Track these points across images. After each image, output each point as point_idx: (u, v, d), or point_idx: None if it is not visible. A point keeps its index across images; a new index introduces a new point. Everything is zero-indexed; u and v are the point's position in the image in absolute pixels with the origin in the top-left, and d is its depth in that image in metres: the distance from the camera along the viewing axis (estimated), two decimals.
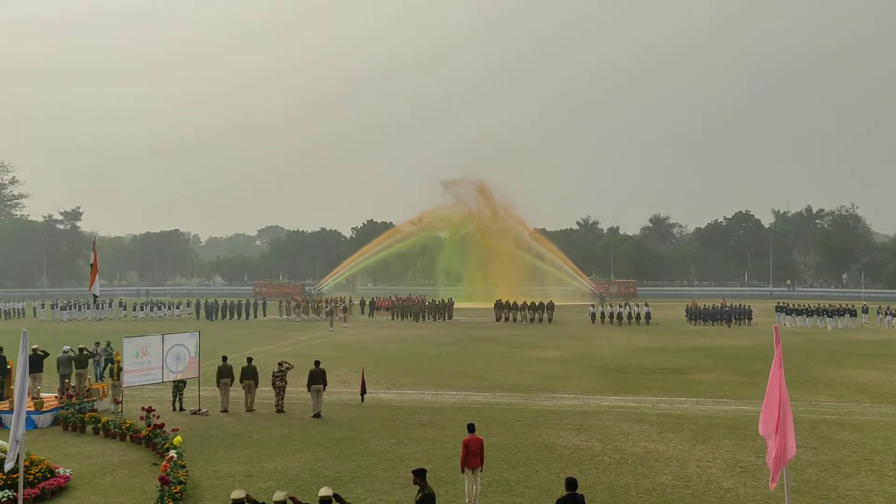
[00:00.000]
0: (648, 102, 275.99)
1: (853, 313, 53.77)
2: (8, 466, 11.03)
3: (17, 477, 11.13)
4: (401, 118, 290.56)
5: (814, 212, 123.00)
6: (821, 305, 56.68)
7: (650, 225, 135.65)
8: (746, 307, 56.45)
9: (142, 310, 63.78)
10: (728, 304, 58.49)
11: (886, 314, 53.56)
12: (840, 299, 71.65)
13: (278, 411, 21.88)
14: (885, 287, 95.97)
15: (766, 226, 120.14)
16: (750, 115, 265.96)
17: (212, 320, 59.14)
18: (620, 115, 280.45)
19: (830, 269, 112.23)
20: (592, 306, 58.86)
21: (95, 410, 21.34)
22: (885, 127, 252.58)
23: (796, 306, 58.07)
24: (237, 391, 22.84)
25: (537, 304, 57.33)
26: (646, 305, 56.77)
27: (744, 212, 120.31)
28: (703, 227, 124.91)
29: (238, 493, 9.77)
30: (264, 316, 63.00)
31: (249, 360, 23.30)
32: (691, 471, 15.66)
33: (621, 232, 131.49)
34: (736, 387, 26.11)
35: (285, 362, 22.85)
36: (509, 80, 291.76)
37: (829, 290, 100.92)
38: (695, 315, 56.07)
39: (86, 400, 21.85)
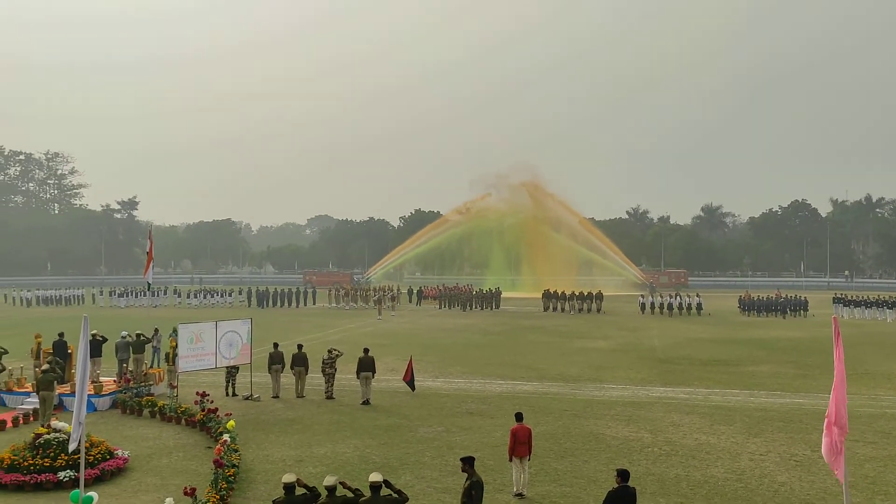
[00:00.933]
0: (700, 88, 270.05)
1: None
2: (72, 447, 11.40)
3: (79, 458, 11.50)
4: (448, 109, 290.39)
5: (874, 200, 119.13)
6: (880, 297, 54.96)
7: (702, 214, 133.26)
8: (802, 298, 55.08)
9: (195, 297, 65.19)
10: (783, 295, 57.15)
11: None
12: None
13: (328, 398, 22.17)
14: None
15: (824, 215, 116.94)
16: (807, 101, 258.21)
17: (263, 308, 60.14)
18: (671, 101, 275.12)
19: (891, 259, 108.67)
20: (642, 296, 58.10)
21: (152, 395, 21.95)
22: None
23: (854, 297, 56.37)
24: (288, 377, 23.21)
25: (586, 293, 56.86)
26: (697, 296, 55.81)
27: (800, 200, 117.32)
28: (757, 216, 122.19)
29: (289, 477, 9.93)
30: (314, 304, 63.83)
31: (300, 346, 23.64)
32: (744, 464, 15.39)
33: (672, 221, 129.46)
34: (791, 379, 25.53)
35: (335, 350, 23.13)
36: (555, 68, 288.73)
37: (890, 280, 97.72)
38: (748, 306, 54.92)
39: (143, 384, 22.48)
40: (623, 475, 10.39)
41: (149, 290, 31.94)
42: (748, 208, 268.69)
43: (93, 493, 10.88)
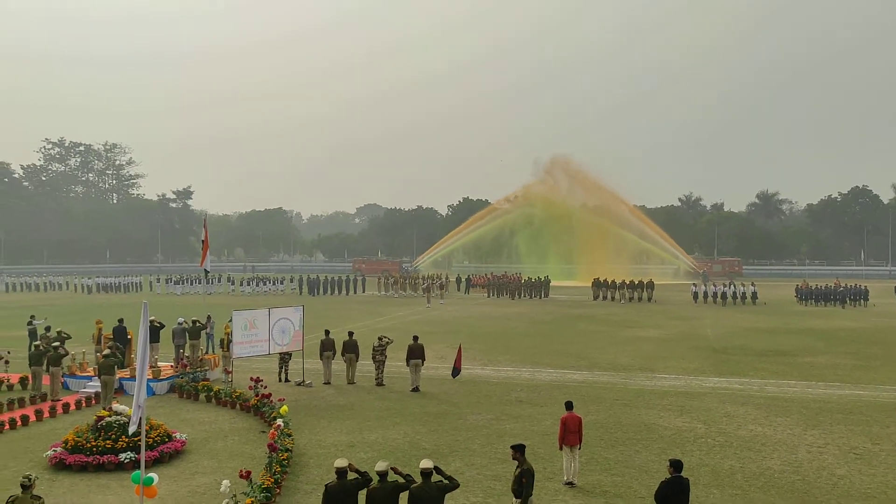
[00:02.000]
0: (751, 73, 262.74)
1: None
2: (132, 429, 11.74)
3: (140, 440, 11.83)
4: (495, 97, 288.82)
5: None
6: None
7: (757, 201, 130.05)
8: (862, 287, 53.44)
9: (248, 284, 66.38)
10: (842, 284, 55.50)
11: None
12: None
13: (378, 384, 22.38)
14: None
15: (886, 202, 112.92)
16: (864, 85, 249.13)
17: (314, 295, 60.93)
18: (723, 85, 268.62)
19: None
20: (695, 285, 57.12)
21: (207, 380, 22.47)
22: None
23: None
24: (339, 364, 23.49)
25: (636, 282, 56.14)
26: (752, 285, 54.60)
27: (860, 187, 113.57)
28: (815, 203, 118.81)
29: (341, 462, 10.04)
30: (363, 291, 64.40)
31: (350, 334, 23.89)
32: (801, 456, 15.04)
33: (726, 209, 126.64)
34: (850, 370, 24.83)
35: (385, 337, 23.31)
36: (602, 52, 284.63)
37: None
38: (806, 295, 53.53)
39: (199, 369, 23.03)
40: (676, 465, 10.25)
41: (206, 277, 32.59)
42: (806, 195, 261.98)
43: (153, 475, 11.18)
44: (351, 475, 10.01)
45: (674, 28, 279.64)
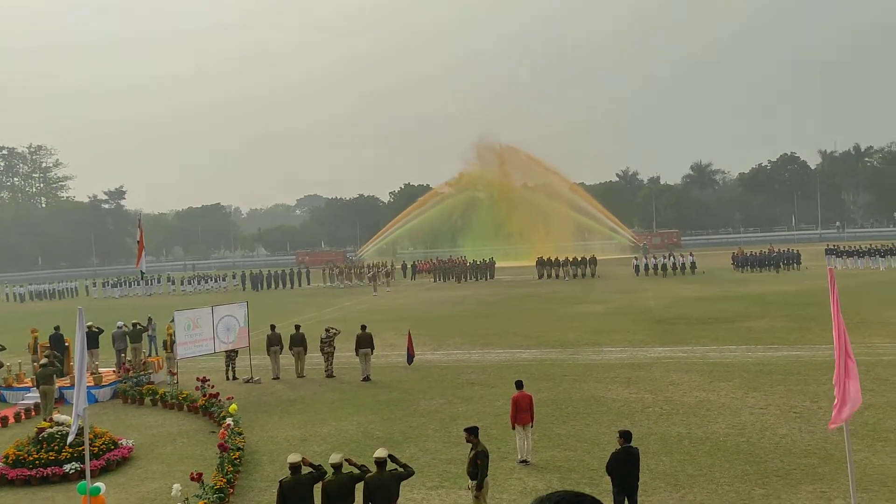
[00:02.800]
0: (679, 46, 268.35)
1: None
2: (70, 439, 11.44)
3: (84, 450, 11.51)
4: (429, 81, 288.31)
5: (862, 150, 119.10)
6: (872, 246, 55.24)
7: (691, 173, 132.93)
8: (795, 251, 55.30)
9: (189, 283, 65.07)
10: (776, 250, 57.32)
11: None
12: (893, 238, 69.67)
13: (328, 376, 22.23)
14: None
15: (813, 167, 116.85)
16: (788, 55, 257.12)
17: (257, 290, 60.11)
18: (653, 61, 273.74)
19: (882, 207, 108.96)
20: (636, 258, 58.25)
21: (152, 383, 21.97)
22: None
23: (847, 248, 56.66)
24: (287, 358, 23.24)
25: (579, 259, 56.95)
26: (690, 255, 55.96)
27: (789, 154, 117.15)
28: (746, 171, 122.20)
29: (294, 457, 9.96)
30: (308, 284, 63.78)
31: (297, 327, 23.64)
32: (745, 418, 15.53)
33: (662, 182, 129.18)
34: (787, 333, 25.72)
35: (332, 328, 23.15)
36: (538, 33, 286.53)
37: (882, 229, 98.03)
38: (742, 262, 55.12)
39: (142, 373, 22.49)
40: (626, 436, 10.46)
41: (142, 278, 31.85)
42: (738, 164, 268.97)
43: (100, 484, 10.90)
44: (305, 469, 9.93)
45: (604, 9, 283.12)
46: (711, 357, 22.18)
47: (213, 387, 18.99)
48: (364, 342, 21.85)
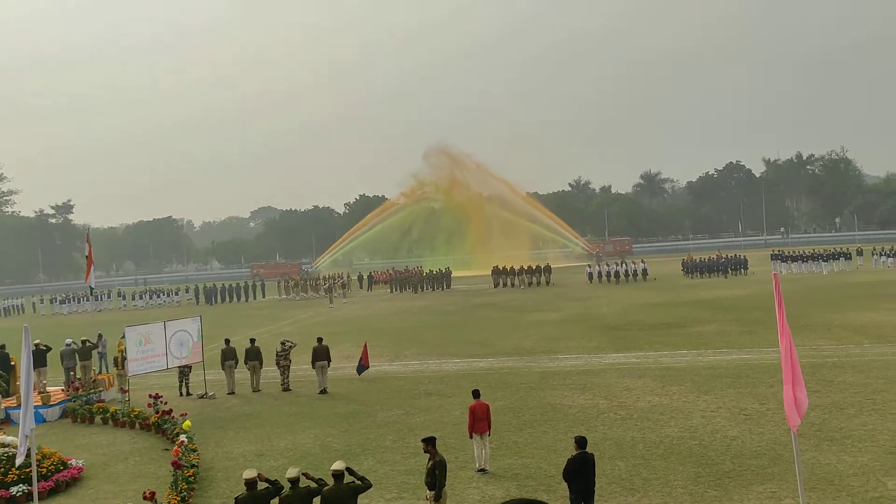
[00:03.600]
0: (630, 64, 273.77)
1: (848, 256, 54.03)
2: (19, 461, 11.12)
3: (31, 471, 11.21)
4: (383, 94, 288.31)
5: (804, 158, 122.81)
6: (816, 251, 56.93)
7: (642, 182, 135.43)
8: (742, 257, 56.67)
9: (140, 298, 63.79)
10: (724, 256, 58.68)
11: (881, 255, 53.89)
12: (834, 243, 71.90)
13: (284, 390, 22.02)
14: (878, 228, 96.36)
15: (758, 175, 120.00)
16: (734, 68, 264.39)
17: (211, 304, 59.20)
18: (604, 71, 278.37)
19: (823, 213, 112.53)
20: (589, 266, 59.01)
21: (103, 401, 21.46)
22: (870, 68, 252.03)
23: (791, 253, 58.30)
24: (242, 373, 22.94)
25: (534, 267, 57.46)
26: (642, 262, 56.91)
27: (734, 162, 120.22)
28: (694, 180, 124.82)
29: (250, 473, 9.86)
30: (263, 297, 63.05)
31: (252, 341, 23.37)
32: (696, 421, 15.85)
33: (614, 191, 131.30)
34: (736, 336, 26.32)
35: (288, 341, 22.95)
36: (492, 46, 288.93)
37: (823, 234, 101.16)
38: (691, 268, 56.24)
39: (92, 391, 21.95)
40: (581, 442, 10.61)
41: (91, 294, 31.15)
42: (686, 173, 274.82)
43: None
44: (261, 485, 9.84)
45: (550, 25, 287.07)
46: (664, 362, 22.59)
47: (165, 403, 18.63)
48: (321, 355, 21.71)
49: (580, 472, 10.43)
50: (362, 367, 23.12)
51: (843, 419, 15.29)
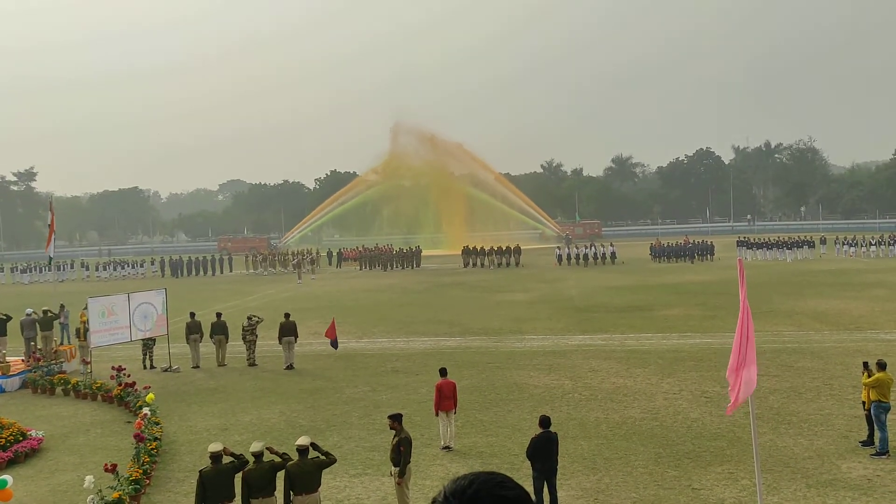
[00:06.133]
0: (608, 43, 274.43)
1: (811, 245, 54.98)
2: None
3: None
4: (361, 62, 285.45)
5: (772, 146, 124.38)
6: (780, 238, 57.83)
7: (613, 165, 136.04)
8: (709, 243, 57.36)
9: (104, 269, 62.85)
10: (691, 241, 59.32)
11: (843, 244, 54.99)
12: (799, 231, 73.05)
13: (250, 365, 21.90)
14: (842, 218, 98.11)
15: (727, 162, 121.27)
16: (705, 58, 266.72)
17: (177, 277, 58.52)
18: (582, 55, 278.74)
19: (789, 202, 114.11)
20: (559, 248, 59.31)
21: (64, 372, 21.17)
22: (836, 61, 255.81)
23: (757, 240, 59.20)
24: (208, 347, 22.76)
25: (504, 248, 57.62)
26: (611, 245, 57.32)
27: (704, 149, 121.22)
28: (665, 165, 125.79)
29: (215, 447, 9.82)
30: (230, 271, 62.46)
31: (218, 315, 23.18)
32: (659, 403, 16.09)
33: (585, 173, 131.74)
34: (700, 321, 26.71)
35: (254, 316, 22.79)
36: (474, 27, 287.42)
37: (789, 223, 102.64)
38: (659, 253, 56.82)
39: (53, 362, 21.64)
40: (544, 422, 10.72)
41: (50, 264, 30.56)
42: (657, 158, 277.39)
43: (6, 477, 10.48)
44: (226, 459, 9.81)
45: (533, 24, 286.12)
46: (629, 344, 22.87)
47: (129, 376, 18.45)
48: (288, 330, 21.61)
49: (543, 451, 10.55)
50: (334, 342, 22.74)
51: (800, 403, 15.64)
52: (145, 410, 15.11)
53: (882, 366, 12.92)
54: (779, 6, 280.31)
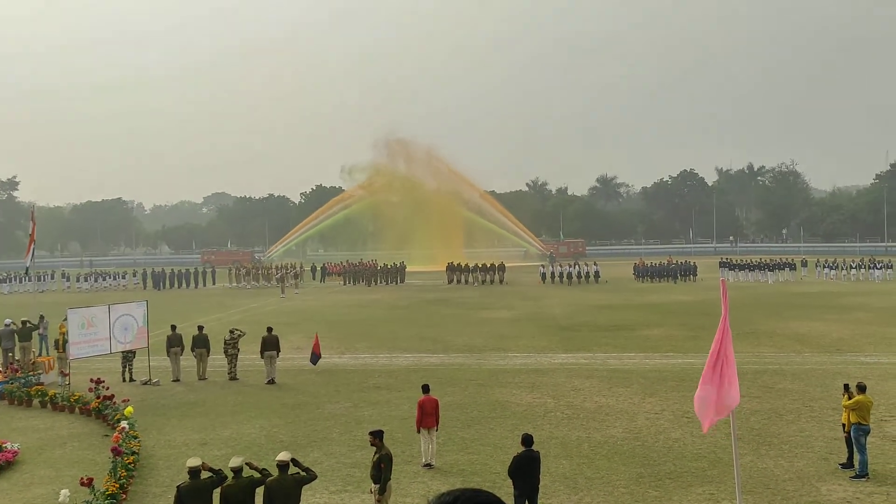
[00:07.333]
0: (596, 64, 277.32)
1: (793, 267, 55.49)
2: None
3: None
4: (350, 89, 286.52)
5: (755, 169, 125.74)
6: (762, 260, 58.30)
7: (598, 185, 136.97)
8: (692, 264, 57.74)
9: (86, 280, 62.19)
10: (674, 261, 59.68)
11: (824, 267, 55.53)
12: (780, 254, 73.68)
13: (231, 379, 21.72)
14: (823, 241, 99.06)
15: (710, 184, 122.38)
16: (691, 80, 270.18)
17: (159, 290, 58.06)
18: (570, 76, 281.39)
19: (771, 224, 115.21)
20: (542, 266, 59.46)
21: (42, 384, 20.88)
22: (822, 86, 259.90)
23: (739, 261, 59.63)
24: (189, 360, 22.56)
25: (488, 265, 57.69)
26: (595, 264, 57.56)
27: (688, 170, 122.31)
28: (649, 186, 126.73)
29: (194, 461, 9.70)
30: (213, 284, 62.06)
31: (200, 328, 23.01)
32: (641, 423, 16.11)
33: (570, 192, 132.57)
34: (683, 341, 26.82)
35: (237, 329, 22.63)
36: (459, 43, 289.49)
37: (770, 245, 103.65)
38: (642, 272, 57.11)
39: (31, 373, 21.36)
40: (527, 440, 10.69)
41: (27, 274, 30.20)
42: (641, 179, 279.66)
43: None
44: (205, 474, 9.69)
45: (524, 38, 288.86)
46: (611, 364, 22.90)
47: (107, 388, 18.22)
48: (269, 345, 21.47)
49: (525, 470, 10.51)
50: (315, 356, 22.66)
51: (781, 425, 15.70)
52: (123, 424, 14.92)
53: (862, 388, 13.02)
54: (762, 32, 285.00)
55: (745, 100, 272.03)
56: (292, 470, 9.69)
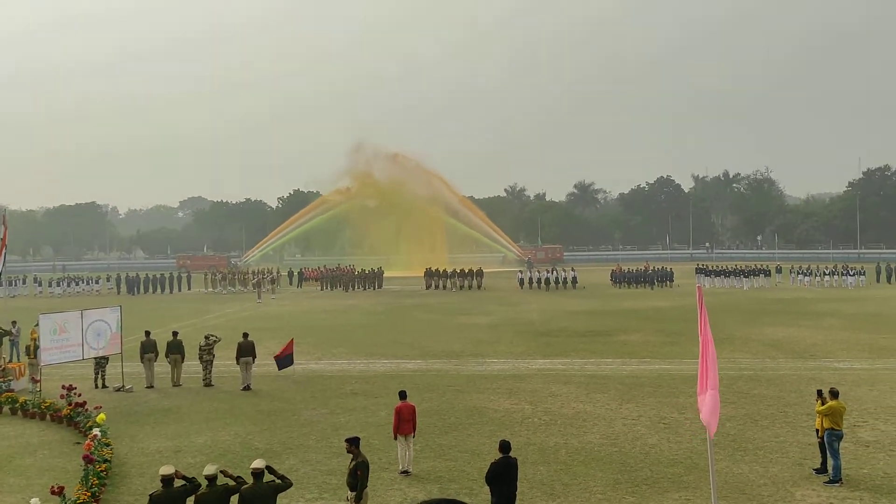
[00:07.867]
0: (572, 67, 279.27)
1: (767, 273, 56.13)
2: None
3: None
4: (326, 92, 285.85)
5: (731, 176, 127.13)
6: (737, 266, 58.93)
7: (575, 191, 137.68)
8: (668, 270, 58.19)
9: (58, 285, 61.33)
10: (651, 268, 60.13)
11: (798, 273, 56.21)
12: (755, 260, 74.62)
13: (206, 385, 21.48)
14: (797, 248, 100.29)
15: (686, 190, 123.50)
16: (666, 88, 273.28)
17: (134, 295, 57.40)
18: (548, 81, 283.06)
19: (746, 231, 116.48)
20: (520, 272, 59.61)
21: (12, 390, 20.51)
22: (796, 92, 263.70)
23: (715, 268, 60.28)
24: (163, 366, 22.28)
25: (466, 270, 57.72)
26: (572, 270, 57.81)
27: (665, 177, 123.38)
28: (626, 192, 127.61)
29: (167, 469, 9.55)
30: (189, 289, 61.47)
31: (175, 334, 22.74)
32: (618, 429, 16.15)
33: (548, 198, 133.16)
34: (659, 347, 26.97)
35: (212, 335, 22.41)
36: (432, 62, 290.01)
37: (745, 251, 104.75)
38: (619, 278, 57.46)
39: (1, 380, 20.97)
40: (504, 447, 10.66)
41: None
42: (618, 185, 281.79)
43: None
44: (178, 482, 9.55)
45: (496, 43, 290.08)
46: (589, 369, 22.97)
47: (79, 395, 17.95)
48: (245, 350, 21.26)
49: (503, 477, 10.48)
50: (283, 361, 21.94)
51: (756, 430, 15.83)
52: (96, 431, 14.68)
53: (835, 394, 13.14)
54: (737, 36, 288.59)
55: (719, 107, 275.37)
56: (267, 478, 9.58)
